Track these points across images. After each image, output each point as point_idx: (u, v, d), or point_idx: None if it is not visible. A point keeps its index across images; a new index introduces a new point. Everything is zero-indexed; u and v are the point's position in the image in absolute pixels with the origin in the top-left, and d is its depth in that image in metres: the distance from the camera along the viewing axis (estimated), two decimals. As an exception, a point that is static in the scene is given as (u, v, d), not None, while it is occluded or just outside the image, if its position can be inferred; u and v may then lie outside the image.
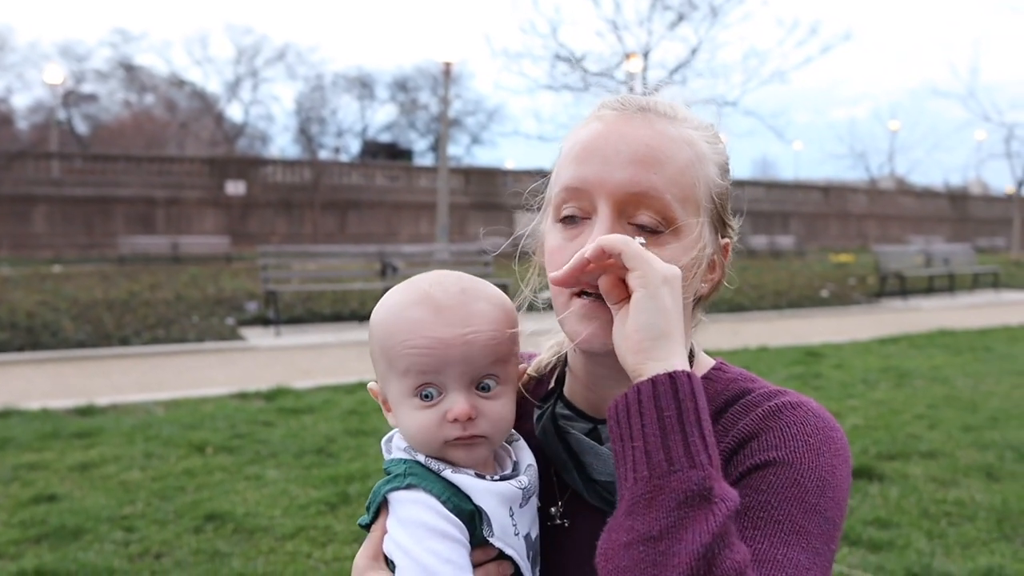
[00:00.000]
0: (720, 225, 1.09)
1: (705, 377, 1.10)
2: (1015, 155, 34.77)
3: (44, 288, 17.54)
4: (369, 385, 1.11)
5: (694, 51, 20.75)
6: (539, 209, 1.15)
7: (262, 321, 13.65)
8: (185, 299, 15.85)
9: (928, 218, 52.23)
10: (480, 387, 1.01)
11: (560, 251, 1.03)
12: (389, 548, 0.99)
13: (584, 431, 1.09)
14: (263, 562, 4.29)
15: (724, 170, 1.10)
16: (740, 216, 1.17)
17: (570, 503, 1.09)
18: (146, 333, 12.05)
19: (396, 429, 1.08)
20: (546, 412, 1.12)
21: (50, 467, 5.86)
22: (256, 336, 12.55)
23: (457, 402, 0.99)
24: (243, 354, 11.40)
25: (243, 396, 8.22)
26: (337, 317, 14.12)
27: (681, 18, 20.60)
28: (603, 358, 1.02)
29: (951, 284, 20.58)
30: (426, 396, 1.00)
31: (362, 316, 14.17)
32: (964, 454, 6.20)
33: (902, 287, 19.24)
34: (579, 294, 1.01)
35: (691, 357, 1.12)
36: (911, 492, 5.35)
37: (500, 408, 1.03)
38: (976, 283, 21.71)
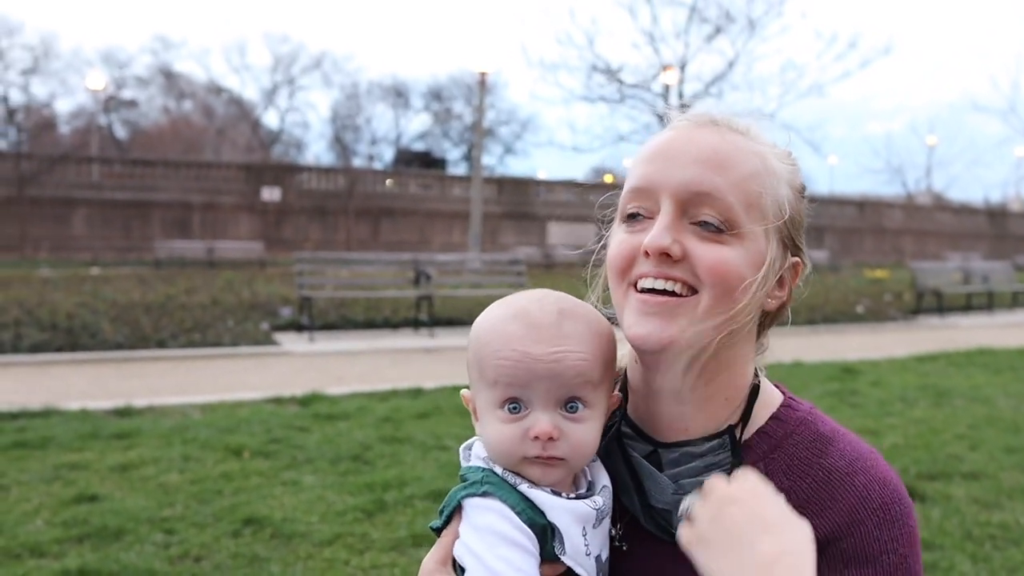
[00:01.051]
0: (791, 244, 1.07)
1: (774, 417, 1.08)
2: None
3: (83, 290, 17.82)
4: (462, 392, 1.11)
5: (731, 64, 20.72)
6: (611, 221, 1.14)
7: (296, 327, 13.75)
8: (220, 303, 16.02)
9: (966, 234, 51.50)
10: (567, 408, 1.01)
11: (620, 245, 1.04)
12: (459, 553, 0.99)
13: (644, 453, 1.07)
14: (301, 568, 4.31)
15: (798, 191, 1.08)
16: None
17: (629, 526, 1.08)
18: (182, 336, 12.20)
19: (475, 437, 1.09)
20: (610, 430, 1.10)
21: (90, 467, 5.93)
22: (290, 341, 12.65)
23: (540, 420, 0.99)
24: (277, 359, 11.49)
25: (278, 401, 8.28)
26: (370, 324, 14.21)
27: (718, 31, 20.58)
28: (660, 365, 1.01)
29: (990, 302, 20.24)
30: (512, 409, 1.00)
31: (395, 324, 14.25)
32: (1007, 476, 6.08)
33: (939, 304, 18.96)
34: (637, 288, 1.01)
35: (756, 388, 1.09)
36: (954, 514, 5.26)
37: (584, 433, 1.02)
38: (1016, 301, 21.33)
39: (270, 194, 34.66)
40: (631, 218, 1.04)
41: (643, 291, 1.00)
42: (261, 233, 33.97)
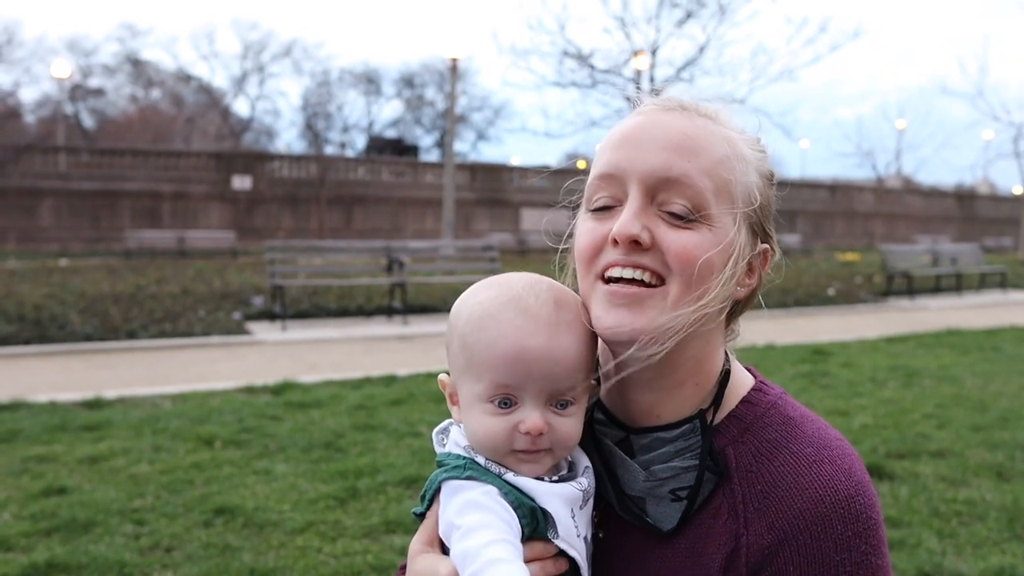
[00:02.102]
0: (760, 231, 1.05)
1: (744, 400, 1.07)
2: (1023, 155, 34.59)
3: (51, 281, 17.57)
4: (440, 376, 1.08)
5: (702, 49, 20.75)
6: (577, 207, 1.12)
7: (268, 316, 13.66)
8: (191, 293, 15.87)
9: (935, 217, 52.13)
10: (557, 404, 0.99)
11: (587, 234, 1.02)
12: (443, 531, 0.98)
13: (617, 439, 1.06)
14: (273, 556, 4.29)
15: (767, 178, 1.07)
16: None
17: (604, 513, 1.07)
18: (153, 327, 12.07)
19: (449, 420, 1.07)
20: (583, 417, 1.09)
21: (59, 460, 5.86)
22: (262, 330, 12.56)
23: (531, 416, 0.97)
24: (249, 348, 11.41)
25: (250, 390, 8.22)
26: (343, 312, 14.14)
27: (689, 15, 20.60)
28: (629, 354, 0.99)
29: (958, 284, 20.52)
30: (503, 404, 0.97)
31: (368, 311, 14.19)
32: (974, 454, 6.18)
33: (909, 286, 19.19)
34: (604, 279, 0.99)
35: (727, 372, 1.08)
36: (921, 491, 5.33)
37: (570, 426, 1.00)
38: (983, 283, 21.64)
39: (241, 183, 34.32)
40: (599, 210, 1.02)
41: (611, 281, 0.98)
42: (232, 222, 33.65)
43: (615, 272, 0.98)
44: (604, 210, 1.01)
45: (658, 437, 1.03)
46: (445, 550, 0.98)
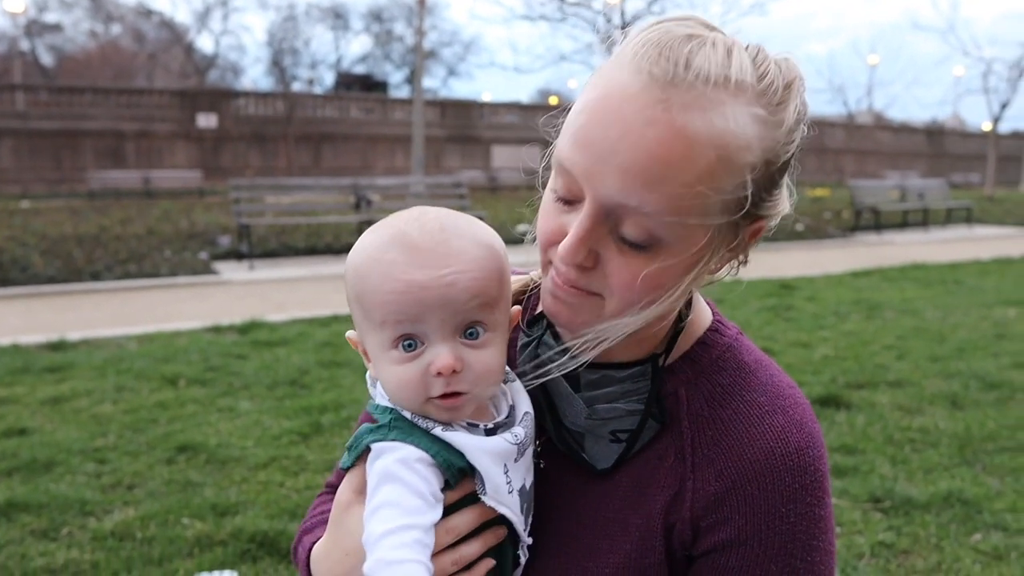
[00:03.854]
0: (752, 214, 0.91)
1: (700, 342, 1.03)
2: (992, 91, 34.70)
3: (12, 224, 17.25)
4: (347, 334, 1.01)
5: (673, -20, 20.38)
6: (556, 138, 1.01)
7: (235, 255, 13.53)
8: (157, 234, 15.66)
9: (905, 153, 52.38)
10: (466, 335, 0.92)
11: (545, 218, 0.94)
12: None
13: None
14: (235, 491, 4.31)
15: (772, 153, 0.88)
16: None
17: (547, 444, 1.04)
18: (118, 268, 11.92)
19: None
20: (532, 342, 1.05)
21: (20, 401, 5.82)
22: (230, 270, 12.45)
23: (440, 354, 0.89)
24: (216, 288, 11.32)
25: (216, 330, 8.18)
26: (311, 251, 14.03)
27: (661, -54, 20.17)
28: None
29: (925, 219, 20.74)
30: (407, 347, 0.91)
31: (337, 250, 14.09)
32: (930, 383, 6.31)
33: (876, 222, 19.37)
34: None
35: (683, 321, 1.03)
36: (877, 420, 5.45)
37: (488, 359, 0.93)
38: (949, 218, 21.89)
39: (206, 121, 33.64)
40: (560, 195, 0.93)
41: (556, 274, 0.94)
42: (198, 161, 33.08)
43: (558, 275, 0.92)
44: (566, 199, 0.92)
45: (607, 375, 1.00)
46: None
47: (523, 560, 0.99)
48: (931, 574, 3.57)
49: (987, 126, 42.67)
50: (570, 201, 0.90)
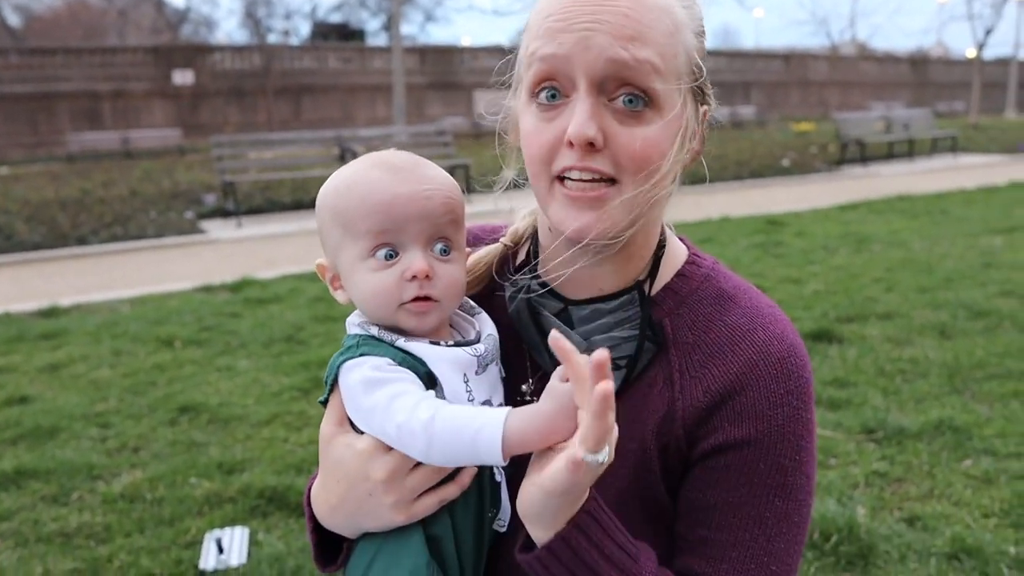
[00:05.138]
0: (700, 93, 1.03)
1: (679, 274, 1.08)
2: (977, 17, 34.44)
3: (-7, 190, 17.05)
4: (317, 263, 1.09)
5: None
6: (509, 87, 1.09)
7: (221, 213, 13.45)
8: (140, 195, 15.52)
9: (889, 84, 52.05)
10: (436, 250, 1.02)
11: (538, 134, 0.98)
12: (350, 410, 1.00)
13: (555, 311, 1.07)
14: (240, 449, 4.36)
15: (700, 35, 1.03)
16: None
17: (540, 381, 1.09)
18: (103, 231, 11.84)
19: (355, 311, 1.08)
20: (521, 288, 1.09)
21: (18, 370, 5.83)
22: (217, 229, 12.38)
23: (415, 259, 1.00)
24: (205, 247, 11.28)
25: (208, 289, 8.18)
26: (298, 205, 13.95)
27: None
28: (589, 242, 0.99)
29: (910, 149, 20.72)
30: (388, 256, 1.00)
31: (323, 205, 14.00)
32: (919, 314, 6.39)
33: (862, 154, 19.35)
34: (560, 179, 0.97)
35: (662, 242, 1.09)
36: (868, 352, 5.53)
37: (454, 271, 1.03)
38: (935, 148, 21.86)
39: (182, 77, 33.04)
40: (543, 103, 0.97)
41: (565, 179, 0.97)
42: (176, 119, 32.57)
43: (573, 176, 0.96)
44: (550, 104, 0.97)
45: (597, 308, 1.05)
46: (356, 429, 1.00)
47: (499, 478, 1.05)
48: (924, 500, 3.67)
49: (971, 53, 42.42)
50: (555, 99, 0.97)
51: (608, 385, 0.76)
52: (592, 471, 0.81)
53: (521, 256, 1.17)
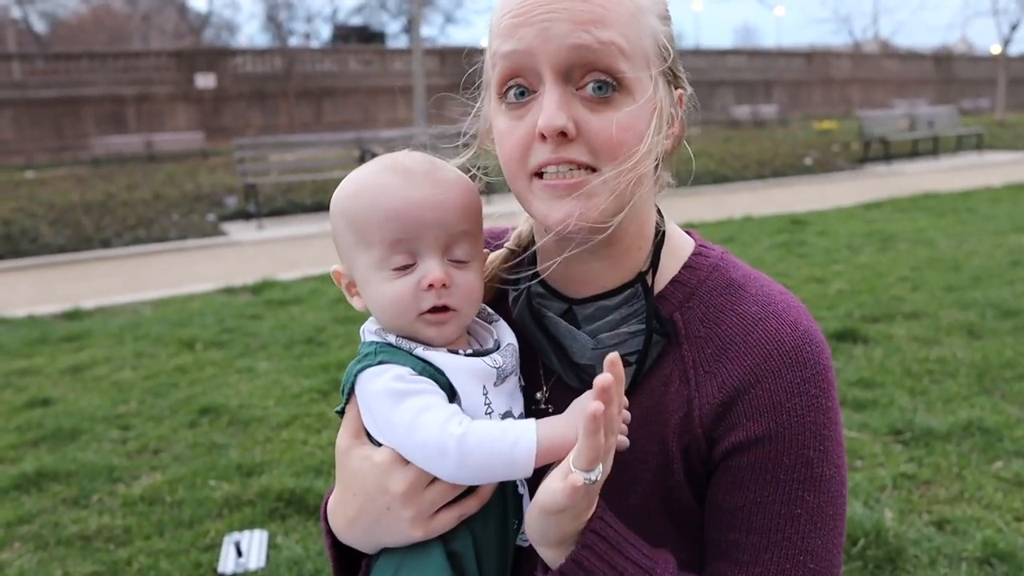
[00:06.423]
0: (672, 76, 1.01)
1: (686, 266, 1.05)
2: (1001, 12, 33.98)
3: (19, 195, 17.24)
4: (332, 268, 1.06)
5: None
6: (478, 88, 1.08)
7: (243, 215, 13.52)
8: (164, 198, 15.64)
9: (912, 81, 51.52)
10: (452, 257, 0.98)
11: (510, 133, 0.96)
12: (367, 424, 0.97)
13: (559, 312, 1.05)
14: (260, 451, 4.35)
15: (665, 19, 1.01)
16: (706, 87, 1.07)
17: (555, 388, 1.06)
18: (127, 234, 11.93)
19: (371, 318, 1.05)
20: (522, 293, 1.07)
21: (41, 372, 5.87)
22: (238, 231, 12.45)
23: (432, 268, 0.96)
24: (227, 249, 11.33)
25: (229, 291, 8.20)
26: (319, 207, 13.97)
27: None
28: (576, 233, 0.96)
29: (935, 147, 20.46)
30: (402, 265, 0.97)
31: (344, 206, 14.05)
32: (946, 314, 6.28)
33: (886, 152, 19.14)
34: (538, 175, 0.95)
35: (661, 237, 1.05)
36: (894, 352, 5.44)
37: (471, 279, 1.00)
38: (960, 145, 21.59)
39: (205, 81, 33.30)
40: (514, 102, 0.96)
41: (541, 175, 0.95)
42: (199, 122, 32.83)
43: (550, 170, 0.94)
44: (518, 103, 0.95)
45: (601, 305, 1.02)
46: (373, 440, 0.98)
47: (522, 491, 1.01)
48: (954, 503, 3.59)
49: (996, 49, 41.88)
50: (523, 96, 0.94)
51: (598, 405, 0.76)
52: (587, 489, 0.80)
53: (525, 261, 1.13)
